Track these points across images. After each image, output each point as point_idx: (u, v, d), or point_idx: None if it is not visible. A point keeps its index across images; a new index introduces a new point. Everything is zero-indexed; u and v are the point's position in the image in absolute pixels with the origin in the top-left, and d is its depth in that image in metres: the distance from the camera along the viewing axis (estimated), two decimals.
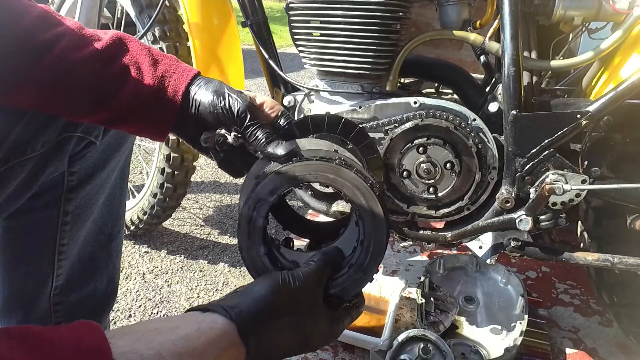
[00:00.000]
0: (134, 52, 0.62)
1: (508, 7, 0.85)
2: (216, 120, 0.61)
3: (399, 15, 0.95)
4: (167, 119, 0.63)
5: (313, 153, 0.59)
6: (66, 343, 0.38)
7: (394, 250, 1.51)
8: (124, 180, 0.93)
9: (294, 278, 0.52)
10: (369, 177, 0.58)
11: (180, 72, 0.63)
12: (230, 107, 0.59)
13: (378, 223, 0.55)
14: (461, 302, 1.18)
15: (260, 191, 0.55)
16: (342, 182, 0.55)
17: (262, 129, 0.59)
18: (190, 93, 0.62)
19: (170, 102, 0.62)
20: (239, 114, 0.59)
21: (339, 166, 0.55)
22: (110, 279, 0.96)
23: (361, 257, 0.56)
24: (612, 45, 0.87)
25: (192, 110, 0.62)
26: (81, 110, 0.63)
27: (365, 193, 0.55)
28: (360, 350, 1.10)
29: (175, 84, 0.62)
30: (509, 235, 0.94)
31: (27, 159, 0.71)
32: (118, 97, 0.61)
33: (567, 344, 1.16)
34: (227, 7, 1.26)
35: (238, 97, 0.60)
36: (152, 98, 0.61)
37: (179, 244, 1.66)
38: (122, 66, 0.61)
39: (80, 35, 0.61)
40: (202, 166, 2.32)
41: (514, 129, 0.86)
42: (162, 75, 0.61)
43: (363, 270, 0.56)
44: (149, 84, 0.61)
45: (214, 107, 0.60)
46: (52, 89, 0.60)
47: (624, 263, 0.89)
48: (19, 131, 0.68)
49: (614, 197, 0.89)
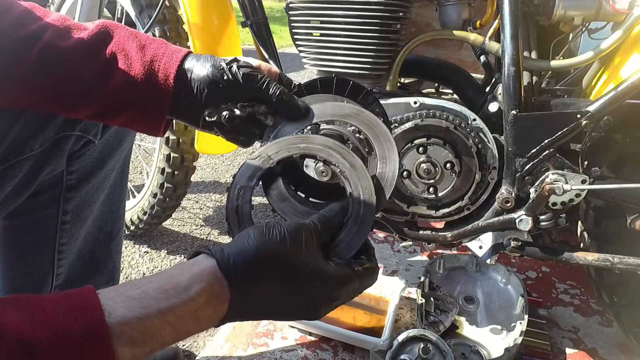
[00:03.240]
0: (120, 39, 0.61)
1: (508, 7, 0.85)
2: (220, 95, 0.60)
3: (399, 15, 0.95)
4: (162, 104, 0.62)
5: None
6: (56, 299, 0.39)
7: (394, 250, 1.50)
8: (124, 180, 0.93)
9: (280, 226, 0.49)
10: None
11: (170, 54, 0.61)
12: (234, 76, 0.59)
13: (359, 172, 0.56)
14: (461, 302, 1.18)
15: (240, 180, 0.57)
16: (314, 148, 0.56)
17: (271, 85, 0.59)
18: (186, 73, 0.61)
19: (162, 86, 0.60)
20: (244, 79, 0.58)
21: (308, 135, 0.56)
22: (110, 279, 0.96)
23: (355, 209, 0.55)
24: (612, 45, 0.86)
25: (189, 89, 0.60)
26: (72, 103, 0.62)
27: (339, 150, 0.56)
28: (360, 350, 1.10)
29: (165, 67, 0.60)
30: (509, 235, 0.94)
31: (26, 158, 0.71)
32: (108, 86, 0.60)
33: (567, 344, 1.16)
34: (227, 7, 1.26)
35: (235, 64, 0.59)
36: (144, 83, 0.60)
37: (179, 244, 1.66)
38: (109, 54, 0.60)
39: (66, 26, 0.60)
40: (202, 166, 2.32)
41: (514, 129, 0.86)
42: (151, 60, 0.60)
43: (360, 221, 0.55)
44: (138, 69, 0.60)
45: (216, 81, 0.59)
46: (40, 84, 0.59)
47: (624, 263, 0.89)
48: (17, 130, 0.68)
49: (614, 197, 0.89)
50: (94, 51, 0.60)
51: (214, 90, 0.60)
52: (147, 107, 0.62)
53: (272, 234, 0.48)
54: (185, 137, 1.41)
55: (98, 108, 0.62)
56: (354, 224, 0.55)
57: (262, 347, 1.10)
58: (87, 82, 0.60)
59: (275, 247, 0.48)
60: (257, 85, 0.59)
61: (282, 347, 1.10)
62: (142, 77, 0.60)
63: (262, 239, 0.48)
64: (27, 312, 0.37)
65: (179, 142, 1.41)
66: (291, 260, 0.48)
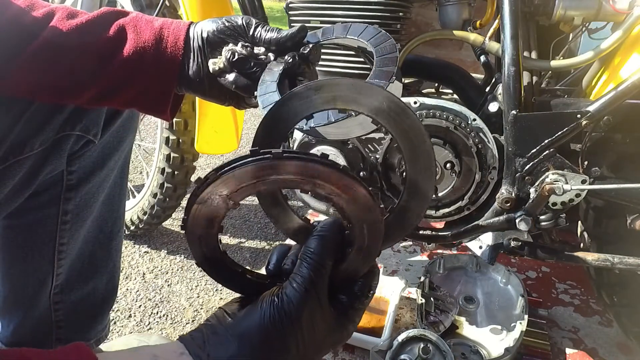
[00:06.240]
0: (128, 15, 0.64)
1: (508, 7, 0.85)
2: (221, 39, 0.64)
3: (399, 15, 0.95)
4: (171, 69, 0.64)
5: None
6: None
7: (394, 250, 1.50)
8: (124, 179, 0.93)
9: (285, 313, 0.41)
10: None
11: (177, 23, 0.65)
12: (233, 19, 0.64)
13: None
14: (461, 302, 1.18)
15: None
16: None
17: (269, 26, 0.64)
18: (190, 31, 0.64)
19: (172, 49, 0.63)
20: (243, 21, 0.64)
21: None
22: (110, 278, 0.96)
23: (359, 240, 0.46)
24: (612, 45, 0.87)
25: (195, 44, 0.63)
26: (83, 79, 0.63)
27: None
28: (360, 350, 1.10)
29: (175, 32, 0.64)
30: (509, 235, 0.94)
31: (26, 158, 0.71)
32: (117, 56, 0.62)
33: (567, 344, 1.16)
34: (227, 7, 1.26)
35: (236, 14, 0.65)
36: (154, 48, 0.62)
37: (179, 244, 1.66)
38: (118, 27, 0.62)
39: (72, 10, 0.62)
40: (202, 166, 2.31)
41: (514, 129, 0.86)
42: (160, 27, 0.63)
43: (366, 250, 0.48)
44: (148, 36, 0.63)
45: (217, 26, 0.63)
46: (47, 63, 0.60)
47: (624, 263, 0.89)
48: (17, 130, 0.68)
49: (614, 197, 0.89)
50: (101, 27, 0.62)
51: (215, 35, 0.63)
52: (157, 75, 0.64)
53: (275, 332, 0.41)
54: (185, 137, 1.41)
55: (108, 82, 0.63)
56: (358, 252, 0.47)
57: None
58: (97, 54, 0.62)
59: (283, 344, 0.42)
60: (254, 27, 0.63)
61: None
62: (153, 42, 0.62)
63: (265, 345, 0.41)
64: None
65: (179, 142, 1.41)
66: (305, 340, 0.43)
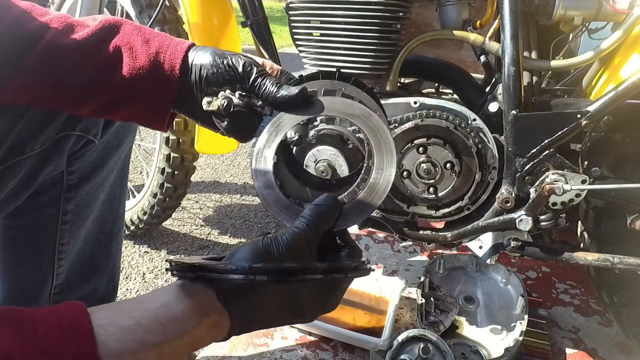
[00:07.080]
0: (125, 33, 0.61)
1: (508, 7, 0.85)
2: (219, 81, 0.60)
3: (399, 15, 0.95)
4: (167, 95, 0.61)
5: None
6: (48, 319, 0.38)
7: (394, 250, 1.50)
8: (124, 179, 0.93)
9: (277, 243, 0.49)
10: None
11: (174, 46, 0.61)
12: (234, 64, 0.58)
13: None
14: (461, 302, 1.18)
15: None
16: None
17: (270, 79, 0.58)
18: (189, 60, 0.61)
19: (168, 77, 0.60)
20: (244, 68, 0.58)
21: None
22: (111, 278, 0.96)
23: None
24: (612, 45, 0.86)
25: (192, 77, 0.60)
26: (77, 97, 0.61)
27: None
28: (360, 350, 1.10)
29: (171, 58, 0.60)
30: (509, 235, 0.94)
31: (26, 158, 0.71)
32: (113, 79, 0.60)
33: (567, 344, 1.16)
34: (227, 7, 1.26)
35: (239, 55, 0.59)
36: (149, 75, 0.60)
37: (179, 244, 1.66)
38: (114, 48, 0.60)
39: (69, 23, 0.60)
40: (202, 166, 2.32)
41: (514, 129, 0.86)
42: (156, 52, 0.60)
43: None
44: (143, 62, 0.60)
45: (217, 67, 0.59)
46: (45, 78, 0.59)
47: (624, 263, 0.89)
48: (17, 130, 0.68)
49: (614, 197, 0.89)
50: (99, 46, 0.60)
51: (214, 76, 0.59)
52: (153, 100, 0.62)
53: (270, 255, 0.48)
54: (185, 137, 1.41)
55: (104, 101, 0.62)
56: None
57: (262, 347, 1.10)
58: (92, 77, 0.60)
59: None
60: (253, 77, 0.58)
61: (282, 347, 1.10)
62: (148, 69, 0.60)
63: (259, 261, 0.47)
64: (19, 337, 0.36)
65: (179, 142, 1.41)
66: (291, 285, 0.48)
